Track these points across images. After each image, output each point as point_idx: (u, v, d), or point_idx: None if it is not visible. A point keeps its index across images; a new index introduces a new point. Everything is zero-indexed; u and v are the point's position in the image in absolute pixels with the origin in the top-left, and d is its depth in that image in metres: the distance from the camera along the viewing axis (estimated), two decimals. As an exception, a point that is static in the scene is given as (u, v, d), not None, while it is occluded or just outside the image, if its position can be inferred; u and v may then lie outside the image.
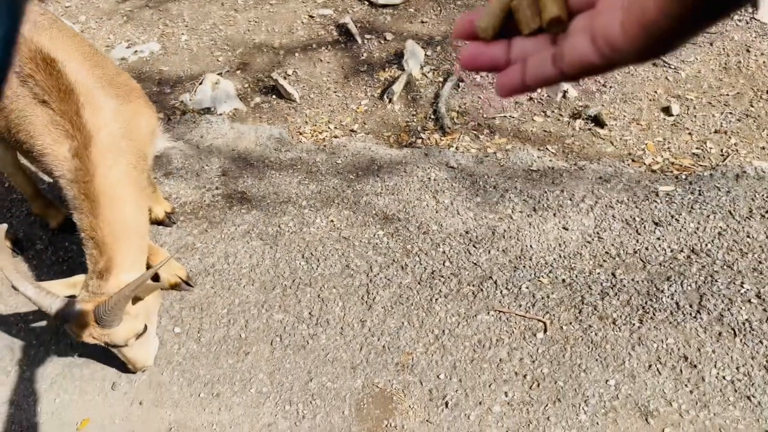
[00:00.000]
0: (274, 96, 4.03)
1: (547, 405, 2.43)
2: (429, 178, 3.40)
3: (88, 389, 2.65)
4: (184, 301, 2.91)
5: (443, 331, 2.70)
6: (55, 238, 3.23)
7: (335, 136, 3.76)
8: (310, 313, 2.83)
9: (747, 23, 3.98)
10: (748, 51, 3.82)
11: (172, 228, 3.23)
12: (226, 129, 3.75)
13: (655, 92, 3.70)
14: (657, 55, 0.51)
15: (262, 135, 3.71)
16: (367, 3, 4.61)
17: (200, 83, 4.00)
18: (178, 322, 2.84)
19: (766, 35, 3.89)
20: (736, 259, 2.76)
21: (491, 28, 0.62)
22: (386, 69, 4.16)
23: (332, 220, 3.20)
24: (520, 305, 2.75)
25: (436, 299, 2.82)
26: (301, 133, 3.79)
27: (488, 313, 2.75)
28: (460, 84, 4.01)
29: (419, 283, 2.89)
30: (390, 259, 3.00)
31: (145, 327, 2.41)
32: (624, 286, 2.76)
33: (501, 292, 2.82)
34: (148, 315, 2.45)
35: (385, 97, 3.99)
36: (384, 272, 2.94)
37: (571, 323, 2.66)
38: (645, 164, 3.35)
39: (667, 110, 3.60)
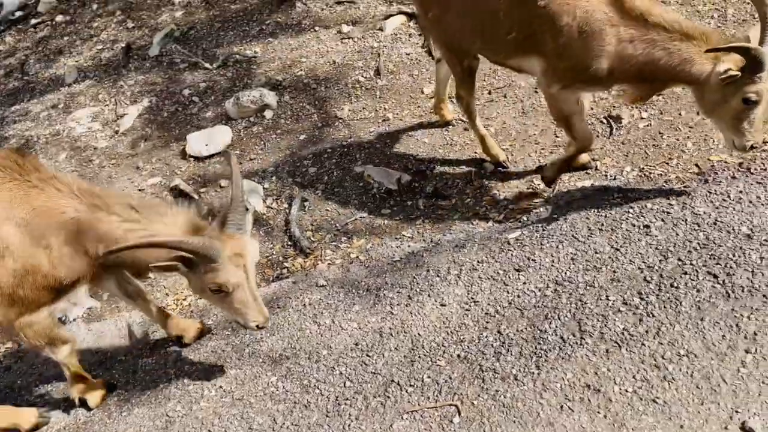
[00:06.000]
0: (126, 280, 3.88)
1: (487, 488, 2.39)
2: (304, 305, 3.38)
3: None
4: None
5: (365, 455, 2.61)
6: None
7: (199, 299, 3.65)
8: (226, 495, 2.62)
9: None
10: (536, 92, 4.29)
11: (52, 463, 2.91)
12: (83, 334, 3.53)
13: (475, 152, 4.01)
14: None
15: (123, 326, 3.53)
16: (192, 159, 4.68)
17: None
18: None
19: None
20: (594, 276, 2.97)
21: None
22: (231, 214, 4.18)
23: (221, 386, 3.05)
24: (428, 397, 2.74)
25: (349, 425, 2.74)
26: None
27: (402, 417, 2.70)
28: (305, 203, 4.11)
29: (327, 416, 2.80)
30: (291, 402, 2.89)
31: None
32: (512, 339, 2.84)
33: (407, 391, 2.80)
34: None
35: (237, 241, 3.97)
36: (289, 419, 2.82)
37: (479, 395, 2.68)
38: (491, 219, 3.57)
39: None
